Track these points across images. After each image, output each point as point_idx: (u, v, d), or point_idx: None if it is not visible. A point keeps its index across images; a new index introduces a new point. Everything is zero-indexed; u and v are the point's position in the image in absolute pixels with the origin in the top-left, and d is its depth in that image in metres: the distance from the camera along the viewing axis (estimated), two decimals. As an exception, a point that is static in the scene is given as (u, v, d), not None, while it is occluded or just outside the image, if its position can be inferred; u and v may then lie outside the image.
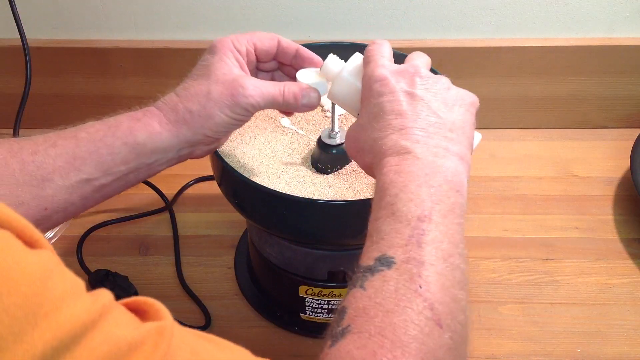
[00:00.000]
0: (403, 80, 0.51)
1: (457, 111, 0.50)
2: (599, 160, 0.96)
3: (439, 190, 0.45)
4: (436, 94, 0.51)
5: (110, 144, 0.55)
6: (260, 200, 0.62)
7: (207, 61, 0.58)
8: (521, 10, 0.92)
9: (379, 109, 0.50)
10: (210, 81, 0.57)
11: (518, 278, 0.79)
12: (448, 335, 0.40)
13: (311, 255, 0.68)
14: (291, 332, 0.74)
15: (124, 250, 0.83)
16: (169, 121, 0.57)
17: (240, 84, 0.56)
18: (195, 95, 0.57)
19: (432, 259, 0.42)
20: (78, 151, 0.54)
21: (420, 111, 0.49)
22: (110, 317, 0.32)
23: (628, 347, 0.72)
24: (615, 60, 0.94)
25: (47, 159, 0.53)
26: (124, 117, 0.57)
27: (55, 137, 0.55)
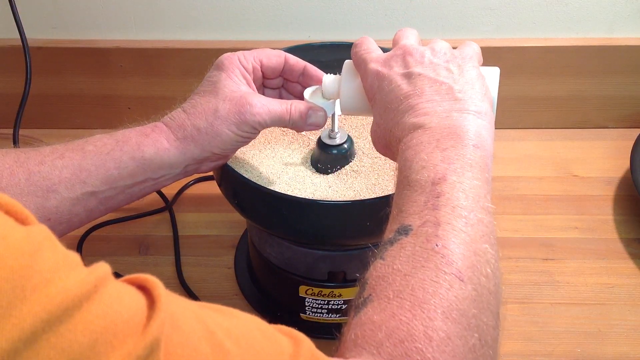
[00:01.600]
0: (395, 65, 0.51)
1: (462, 70, 0.51)
2: (599, 160, 0.96)
3: (453, 150, 0.46)
4: (432, 63, 0.51)
5: (118, 158, 0.55)
6: (260, 200, 0.62)
7: (214, 77, 0.58)
8: (521, 10, 0.92)
9: (384, 101, 0.50)
10: (218, 98, 0.57)
11: (518, 278, 0.79)
12: (471, 287, 0.40)
13: (311, 255, 0.68)
14: (291, 332, 0.74)
15: (124, 250, 0.83)
16: (176, 138, 0.57)
17: (248, 101, 0.56)
18: (202, 113, 0.57)
19: (449, 217, 0.42)
20: (85, 164, 0.55)
21: (422, 85, 0.49)
22: (108, 290, 0.31)
23: (628, 347, 0.72)
24: (615, 60, 0.94)
25: (53, 170, 0.54)
26: (132, 132, 0.57)
27: (63, 149, 0.55)
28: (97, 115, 0.99)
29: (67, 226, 0.56)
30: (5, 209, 0.30)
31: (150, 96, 0.97)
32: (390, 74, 0.51)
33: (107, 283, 0.31)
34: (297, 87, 0.65)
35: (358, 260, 0.68)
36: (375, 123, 0.53)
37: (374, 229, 0.60)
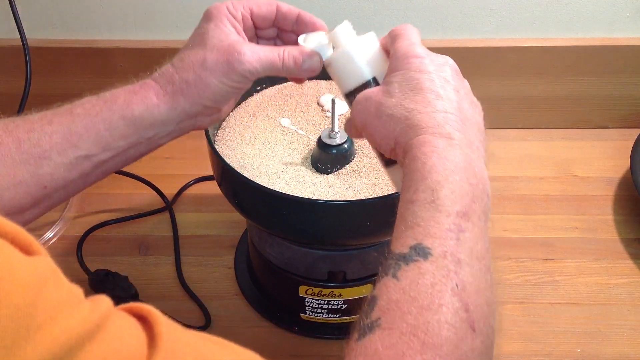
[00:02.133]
0: (438, 66, 0.50)
1: (478, 114, 0.50)
2: (599, 160, 0.96)
3: (477, 188, 0.44)
4: (467, 93, 0.50)
5: (107, 118, 0.54)
6: (260, 200, 0.62)
7: (202, 29, 0.56)
8: (521, 10, 0.92)
9: (417, 82, 0.48)
10: (206, 49, 0.55)
11: (518, 278, 0.79)
12: (480, 340, 0.39)
13: (311, 255, 0.68)
14: (291, 332, 0.74)
15: (124, 250, 0.83)
16: (165, 93, 0.55)
17: (237, 49, 0.54)
18: (190, 65, 0.55)
19: (468, 258, 0.40)
20: (74, 127, 0.53)
21: (460, 101, 0.48)
22: (109, 328, 0.31)
23: (628, 347, 0.72)
24: (615, 60, 0.94)
25: (43, 136, 0.52)
26: (120, 90, 0.56)
27: (51, 115, 0.54)
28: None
29: (64, 193, 0.55)
30: (11, 238, 0.30)
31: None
32: (431, 69, 0.49)
33: (108, 320, 0.31)
34: (292, 37, 0.61)
35: (358, 260, 0.68)
36: (384, 90, 0.49)
37: (374, 229, 0.61)
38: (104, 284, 0.76)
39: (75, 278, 0.84)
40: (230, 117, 0.72)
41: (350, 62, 0.53)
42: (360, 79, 0.52)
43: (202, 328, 0.73)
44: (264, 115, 0.72)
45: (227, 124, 0.71)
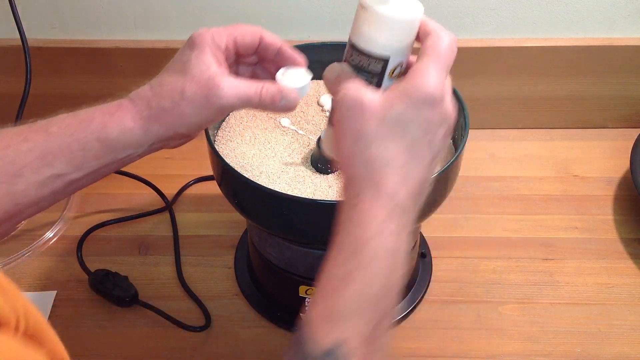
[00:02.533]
0: (441, 122, 0.46)
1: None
2: (599, 160, 0.96)
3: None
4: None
5: (82, 139, 0.54)
6: (260, 200, 0.62)
7: (185, 56, 0.56)
8: (521, 10, 0.92)
9: (414, 140, 0.44)
10: (186, 79, 0.54)
11: (518, 278, 0.79)
12: None
13: (311, 255, 0.68)
14: (291, 332, 0.74)
15: (124, 250, 0.83)
16: (141, 117, 0.55)
17: (216, 83, 0.54)
18: (169, 93, 0.55)
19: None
20: (49, 146, 0.53)
21: (430, 169, 0.46)
22: None
23: (628, 347, 0.72)
24: (615, 60, 0.94)
25: (18, 154, 0.53)
26: (96, 110, 0.56)
27: (27, 131, 0.54)
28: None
29: (36, 209, 0.55)
30: None
31: (150, 96, 0.96)
32: (436, 122, 0.46)
33: None
34: (272, 67, 0.61)
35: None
36: (377, 128, 0.45)
37: (374, 229, 0.60)
38: (104, 284, 0.76)
39: (75, 278, 0.84)
40: (230, 117, 0.72)
41: (380, 28, 0.48)
42: (377, 49, 0.48)
43: (202, 328, 0.73)
44: (264, 115, 0.72)
45: (227, 124, 0.71)
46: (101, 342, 0.72)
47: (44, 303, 0.76)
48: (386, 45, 0.47)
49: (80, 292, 0.77)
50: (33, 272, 0.80)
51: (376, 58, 0.47)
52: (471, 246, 0.83)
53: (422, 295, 0.77)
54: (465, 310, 0.76)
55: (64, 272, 0.80)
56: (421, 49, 0.47)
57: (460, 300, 0.77)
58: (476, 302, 0.77)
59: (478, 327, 0.74)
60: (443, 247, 0.83)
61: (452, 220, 0.86)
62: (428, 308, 0.76)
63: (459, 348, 0.72)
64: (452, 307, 0.76)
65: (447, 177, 0.62)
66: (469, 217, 0.87)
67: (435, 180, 0.60)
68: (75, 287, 0.78)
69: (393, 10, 0.46)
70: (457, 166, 0.63)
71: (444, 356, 0.72)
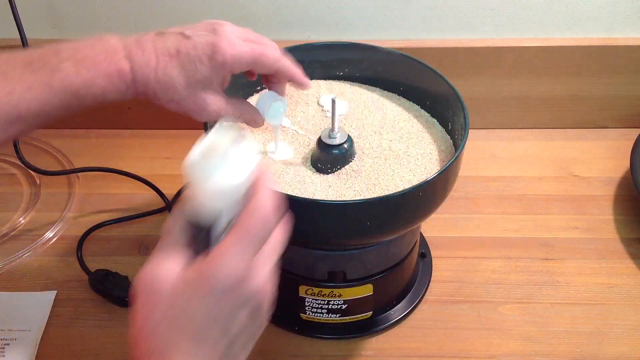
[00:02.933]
0: (243, 302, 0.44)
1: None
2: (599, 160, 0.96)
3: None
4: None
5: (82, 98, 0.55)
6: (260, 200, 0.61)
7: (200, 67, 0.56)
8: (521, 10, 0.92)
9: (203, 322, 0.43)
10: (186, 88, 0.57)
11: (518, 278, 0.79)
12: None
13: (311, 255, 0.68)
14: (291, 332, 0.74)
15: (124, 250, 0.83)
16: (133, 92, 0.56)
17: (204, 100, 0.58)
18: (166, 87, 0.56)
19: None
20: (51, 99, 0.54)
21: (228, 353, 0.44)
22: None
23: (628, 347, 0.72)
24: (615, 60, 0.94)
25: (20, 102, 0.53)
26: (100, 70, 0.55)
27: (32, 79, 0.53)
28: (97, 115, 0.99)
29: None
30: None
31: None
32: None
33: None
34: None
35: (358, 260, 0.68)
36: (163, 311, 0.43)
37: (374, 229, 0.61)
38: (104, 284, 0.76)
39: (75, 278, 0.84)
40: (230, 117, 0.72)
41: (206, 194, 0.45)
42: (205, 209, 0.45)
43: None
44: (264, 115, 0.72)
45: (227, 124, 0.71)
46: (101, 342, 0.72)
47: (44, 303, 0.76)
48: (213, 207, 0.45)
49: (80, 292, 0.77)
50: (33, 272, 0.80)
51: (205, 217, 0.46)
52: (471, 246, 0.83)
53: (422, 295, 0.77)
54: (465, 310, 0.76)
55: (64, 272, 0.80)
56: (238, 218, 0.45)
57: (460, 300, 0.77)
58: (476, 302, 0.77)
59: (478, 327, 0.74)
60: (443, 247, 0.83)
61: (452, 220, 0.86)
62: (428, 308, 0.76)
63: (459, 348, 0.72)
64: (452, 307, 0.76)
65: (447, 177, 0.62)
66: (469, 217, 0.87)
67: (435, 181, 0.60)
68: (75, 287, 0.78)
69: (216, 179, 0.44)
70: (457, 166, 0.63)
71: (444, 356, 0.72)
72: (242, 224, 0.44)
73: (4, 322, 0.73)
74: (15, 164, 0.93)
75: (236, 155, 0.44)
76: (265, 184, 0.46)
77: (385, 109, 0.73)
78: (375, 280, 0.70)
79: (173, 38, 0.56)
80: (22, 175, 0.94)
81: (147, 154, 0.97)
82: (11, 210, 0.88)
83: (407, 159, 0.66)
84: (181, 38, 0.56)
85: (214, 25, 0.58)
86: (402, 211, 0.61)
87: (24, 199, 0.90)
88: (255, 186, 0.46)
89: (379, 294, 0.71)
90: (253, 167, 0.46)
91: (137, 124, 1.01)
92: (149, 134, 1.00)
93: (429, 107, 0.73)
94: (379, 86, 0.76)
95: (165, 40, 0.56)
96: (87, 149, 0.98)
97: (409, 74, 0.73)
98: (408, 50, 0.75)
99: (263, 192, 0.45)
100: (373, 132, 0.70)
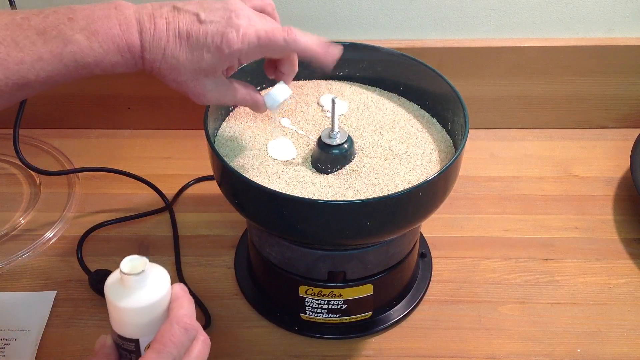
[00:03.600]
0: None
1: None
2: (599, 160, 0.96)
3: None
4: None
5: (89, 72, 0.56)
6: (260, 200, 0.62)
7: (205, 57, 0.57)
8: (521, 10, 0.92)
9: None
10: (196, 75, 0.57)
11: (518, 278, 0.79)
12: None
13: (311, 255, 0.68)
14: (291, 332, 0.74)
15: (124, 250, 0.83)
16: (142, 68, 0.57)
17: (205, 87, 0.59)
18: (173, 68, 0.57)
19: None
20: (60, 69, 0.54)
21: None
22: None
23: (628, 347, 0.72)
24: (615, 60, 0.94)
25: (30, 71, 0.53)
26: (112, 45, 0.55)
27: (43, 50, 0.53)
28: (97, 115, 0.99)
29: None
30: None
31: (150, 96, 0.97)
32: None
33: None
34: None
35: (358, 260, 0.68)
36: None
37: (374, 229, 0.61)
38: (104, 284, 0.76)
39: (75, 278, 0.84)
40: (230, 117, 0.72)
41: (123, 317, 0.50)
42: (126, 333, 0.50)
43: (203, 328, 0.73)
44: (264, 115, 0.72)
45: (227, 124, 0.71)
46: (101, 342, 0.72)
47: (44, 303, 0.76)
48: (134, 329, 0.49)
49: (80, 292, 0.77)
50: (33, 272, 0.80)
51: (127, 340, 0.50)
52: (471, 246, 0.83)
53: (422, 295, 0.77)
54: (465, 310, 0.76)
55: (64, 272, 0.80)
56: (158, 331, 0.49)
57: (460, 300, 0.77)
58: (476, 302, 0.77)
59: (478, 327, 0.74)
60: (443, 247, 0.83)
61: (452, 220, 0.86)
62: (428, 308, 0.76)
63: (459, 348, 0.72)
64: (452, 307, 0.76)
65: (447, 177, 0.62)
66: (469, 217, 0.87)
67: (435, 181, 0.60)
68: (75, 287, 0.78)
69: (131, 299, 0.48)
70: (457, 166, 0.63)
71: (444, 356, 0.72)
72: (161, 336, 0.48)
73: (4, 322, 0.73)
74: (15, 164, 0.93)
75: (149, 278, 0.49)
76: (182, 298, 0.51)
77: (385, 109, 0.73)
78: (375, 280, 0.70)
79: (187, 18, 0.56)
80: (22, 175, 0.94)
81: (147, 154, 0.97)
82: (11, 210, 0.88)
83: (407, 159, 0.66)
84: (195, 20, 0.56)
85: (230, 11, 0.57)
86: (402, 211, 0.61)
87: (24, 199, 0.90)
88: (174, 301, 0.50)
89: (379, 294, 0.71)
90: (167, 286, 0.50)
91: (137, 124, 1.01)
92: (149, 134, 1.00)
93: (429, 107, 0.73)
94: (379, 86, 0.76)
95: (179, 19, 0.56)
96: (87, 149, 0.98)
97: (409, 74, 0.73)
98: (408, 51, 0.75)
99: (181, 307, 0.50)
100: (373, 132, 0.70)
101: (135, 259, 0.49)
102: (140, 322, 0.49)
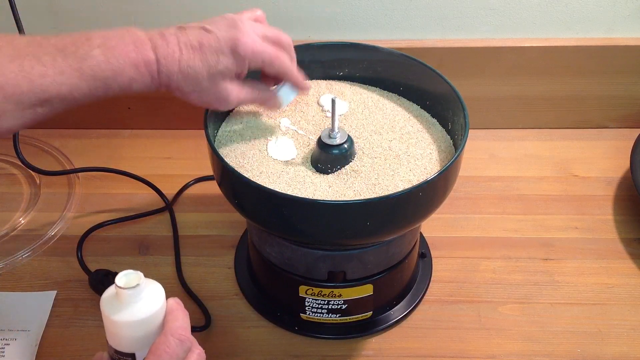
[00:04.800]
0: None
1: None
2: (599, 160, 0.96)
3: None
4: None
5: (109, 90, 0.57)
6: (260, 200, 0.62)
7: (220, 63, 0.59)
8: (521, 10, 0.92)
9: None
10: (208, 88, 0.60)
11: (518, 278, 0.79)
12: None
13: (311, 255, 0.68)
14: (291, 332, 0.74)
15: (124, 250, 0.83)
16: (160, 83, 0.59)
17: (225, 90, 0.61)
18: (191, 79, 0.59)
19: None
20: (80, 85, 0.56)
21: None
22: None
23: (628, 347, 0.72)
24: (615, 60, 0.94)
25: (52, 85, 0.54)
26: (128, 62, 0.57)
27: (64, 65, 0.55)
28: (97, 115, 0.99)
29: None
30: None
31: (150, 96, 0.96)
32: None
33: None
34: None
35: (358, 260, 0.68)
36: None
37: (374, 229, 0.61)
38: (104, 284, 0.76)
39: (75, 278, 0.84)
40: (230, 117, 0.72)
41: (117, 331, 0.50)
42: (122, 347, 0.51)
43: (202, 328, 0.73)
44: (264, 115, 0.72)
45: (227, 124, 0.71)
46: (101, 342, 0.72)
47: (44, 303, 0.76)
48: (130, 343, 0.50)
49: (80, 292, 0.77)
50: (33, 272, 0.80)
51: (124, 354, 0.51)
52: (471, 246, 0.83)
53: (422, 295, 0.77)
54: (465, 310, 0.76)
55: (64, 272, 0.80)
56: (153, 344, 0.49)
57: (460, 300, 0.77)
58: (476, 302, 0.77)
59: (478, 327, 0.74)
60: (443, 247, 0.83)
61: (452, 220, 0.86)
62: (428, 308, 0.76)
63: (459, 348, 0.72)
64: (452, 307, 0.76)
65: (447, 177, 0.62)
66: (469, 217, 0.87)
67: (435, 181, 0.60)
68: (75, 287, 0.78)
69: (126, 313, 0.49)
70: (457, 166, 0.64)
71: (444, 356, 0.72)
72: (155, 348, 0.49)
73: (4, 322, 0.73)
74: (15, 164, 0.93)
75: (144, 292, 0.50)
76: (177, 311, 0.51)
77: (385, 109, 0.73)
78: (375, 280, 0.70)
79: (195, 32, 0.59)
80: (22, 175, 0.94)
81: (147, 154, 0.97)
82: (11, 210, 0.88)
83: (407, 159, 0.66)
84: (203, 32, 0.59)
85: (234, 20, 0.61)
86: (402, 211, 0.61)
87: (24, 199, 0.90)
88: (169, 314, 0.51)
89: (379, 294, 0.71)
90: (162, 300, 0.51)
91: (137, 124, 1.01)
92: (149, 134, 1.00)
93: (429, 107, 0.73)
94: (379, 86, 0.76)
95: (187, 34, 0.59)
96: (87, 149, 0.98)
97: (409, 74, 0.73)
98: (408, 51, 0.75)
99: (176, 319, 0.51)
100: (373, 132, 0.70)
101: (130, 274, 0.49)
102: (136, 336, 0.50)
